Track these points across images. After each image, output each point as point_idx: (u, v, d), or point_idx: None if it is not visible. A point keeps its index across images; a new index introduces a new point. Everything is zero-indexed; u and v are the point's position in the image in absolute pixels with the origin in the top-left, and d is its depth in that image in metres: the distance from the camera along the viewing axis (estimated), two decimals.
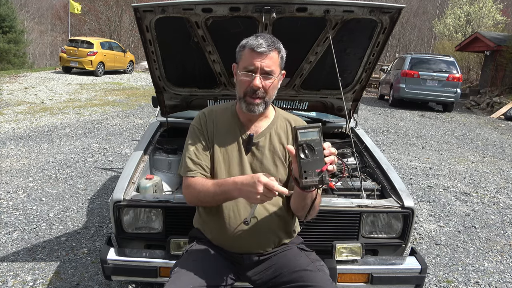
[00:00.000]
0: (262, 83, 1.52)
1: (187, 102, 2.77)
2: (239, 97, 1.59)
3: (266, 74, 1.52)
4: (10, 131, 6.86)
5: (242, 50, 1.56)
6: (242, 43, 1.57)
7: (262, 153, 1.63)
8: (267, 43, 1.51)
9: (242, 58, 1.55)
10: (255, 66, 1.51)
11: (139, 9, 2.03)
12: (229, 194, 1.47)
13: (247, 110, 1.57)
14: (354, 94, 2.72)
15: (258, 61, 1.51)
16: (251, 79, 1.52)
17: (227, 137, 1.63)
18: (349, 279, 1.92)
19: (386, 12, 2.08)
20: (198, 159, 1.60)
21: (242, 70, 1.55)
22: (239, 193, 1.43)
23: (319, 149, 1.27)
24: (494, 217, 4.18)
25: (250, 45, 1.52)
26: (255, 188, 1.33)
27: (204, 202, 1.59)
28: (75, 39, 17.71)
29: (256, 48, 1.50)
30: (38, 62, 34.59)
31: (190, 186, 1.58)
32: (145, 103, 10.65)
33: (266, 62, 1.51)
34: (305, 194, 1.41)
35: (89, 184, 4.45)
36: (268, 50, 1.50)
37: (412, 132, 8.77)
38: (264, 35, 1.55)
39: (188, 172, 1.60)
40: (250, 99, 1.55)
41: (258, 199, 1.34)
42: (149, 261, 1.92)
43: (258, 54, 1.50)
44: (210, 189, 1.52)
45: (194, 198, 1.59)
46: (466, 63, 22.01)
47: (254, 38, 1.53)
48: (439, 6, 37.14)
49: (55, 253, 2.99)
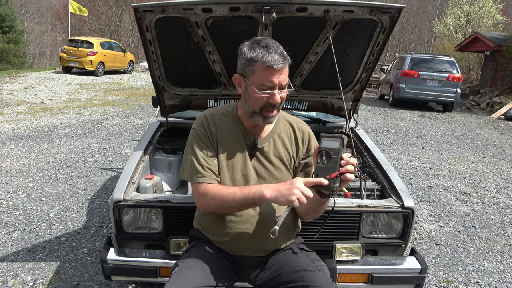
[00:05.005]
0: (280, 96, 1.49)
1: (187, 102, 2.77)
2: (253, 111, 1.53)
3: (282, 87, 1.49)
4: (10, 131, 6.86)
5: (253, 64, 1.46)
6: (250, 56, 1.46)
7: (267, 158, 1.61)
8: (282, 56, 1.44)
9: (256, 74, 1.46)
10: (275, 84, 1.46)
11: (139, 9, 2.03)
12: (261, 198, 1.44)
13: (265, 123, 1.55)
14: (354, 94, 2.72)
15: (277, 77, 1.45)
16: (269, 95, 1.48)
17: (230, 142, 1.60)
18: (349, 279, 1.92)
19: (386, 12, 2.08)
20: (207, 164, 1.56)
21: (258, 87, 1.47)
22: (272, 192, 1.41)
23: (335, 158, 1.33)
24: (494, 217, 4.18)
25: (266, 61, 1.43)
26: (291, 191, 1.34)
27: (225, 209, 1.53)
28: (75, 39, 17.70)
29: (275, 66, 1.43)
30: (38, 62, 34.62)
31: (208, 194, 1.52)
32: (145, 103, 10.65)
33: (283, 77, 1.47)
34: (319, 199, 1.42)
35: (89, 184, 4.44)
36: (284, 64, 1.45)
37: (412, 132, 8.77)
38: (272, 45, 1.46)
39: (201, 178, 1.54)
40: (268, 113, 1.52)
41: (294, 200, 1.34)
42: (149, 261, 1.92)
43: (276, 71, 1.44)
44: (236, 197, 1.47)
45: (214, 207, 1.53)
46: (466, 63, 22.02)
47: (266, 53, 1.43)
48: (439, 6, 37.18)
49: (55, 253, 2.99)
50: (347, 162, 1.33)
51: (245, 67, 1.49)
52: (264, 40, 1.49)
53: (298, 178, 1.39)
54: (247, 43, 1.51)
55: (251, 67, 1.47)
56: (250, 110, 1.54)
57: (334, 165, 1.33)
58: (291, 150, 1.65)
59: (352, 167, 1.33)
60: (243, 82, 1.53)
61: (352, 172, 1.33)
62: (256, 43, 1.47)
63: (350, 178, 1.33)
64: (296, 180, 1.37)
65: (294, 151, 1.65)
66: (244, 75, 1.51)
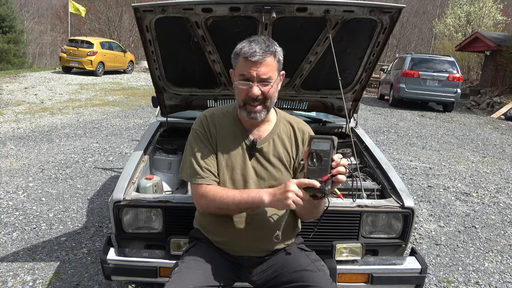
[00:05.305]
0: (260, 90, 1.48)
1: (187, 102, 2.77)
2: (239, 105, 1.56)
3: (263, 81, 1.48)
4: (10, 131, 6.86)
5: (237, 57, 1.50)
6: (236, 50, 1.50)
7: (266, 158, 1.61)
8: (261, 49, 1.44)
9: (238, 66, 1.50)
10: (251, 75, 1.47)
11: (139, 9, 2.03)
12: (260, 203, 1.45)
13: (249, 118, 1.55)
14: (354, 94, 2.71)
15: (254, 70, 1.45)
16: (248, 88, 1.48)
17: (230, 143, 1.61)
18: (349, 279, 1.92)
19: (386, 12, 2.08)
20: (207, 165, 1.56)
21: (238, 78, 1.50)
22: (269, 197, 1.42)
23: (326, 160, 1.32)
24: (494, 217, 4.18)
25: (244, 53, 1.45)
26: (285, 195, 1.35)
27: (224, 211, 1.54)
28: (75, 39, 17.70)
29: (250, 57, 1.44)
30: (38, 62, 34.63)
31: (207, 195, 1.53)
32: (145, 103, 10.65)
33: (262, 70, 1.46)
34: (313, 201, 1.42)
35: (89, 184, 4.44)
36: (263, 57, 1.45)
37: (412, 132, 8.76)
38: (257, 39, 1.48)
39: (200, 179, 1.55)
40: (250, 107, 1.52)
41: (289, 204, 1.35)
42: (149, 261, 1.92)
43: (253, 63, 1.45)
44: (236, 200, 1.48)
45: (213, 208, 1.54)
46: (466, 63, 22.02)
47: (247, 45, 1.46)
48: (439, 6, 37.19)
49: (55, 253, 2.99)
50: (338, 163, 1.32)
51: (233, 60, 1.55)
52: (259, 37, 1.51)
53: (291, 180, 1.38)
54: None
55: (235, 60, 1.52)
56: (238, 105, 1.57)
57: (325, 167, 1.32)
58: (290, 151, 1.64)
59: (343, 169, 1.33)
60: (232, 76, 1.58)
61: (343, 174, 1.33)
62: (247, 39, 1.51)
63: (342, 179, 1.33)
64: (289, 183, 1.37)
65: (294, 152, 1.65)
66: (233, 69, 1.56)
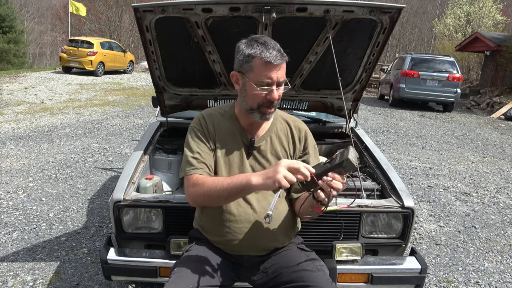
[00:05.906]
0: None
1: (187, 102, 2.77)
2: (251, 108, 1.54)
3: (280, 84, 1.50)
4: (10, 131, 6.86)
5: (251, 60, 1.46)
6: (249, 53, 1.46)
7: (264, 157, 1.62)
8: (279, 53, 1.45)
9: (255, 71, 1.46)
10: (273, 80, 1.47)
11: (139, 9, 2.03)
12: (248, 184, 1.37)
13: (262, 119, 1.55)
14: (354, 94, 2.72)
15: (275, 73, 1.45)
16: (267, 92, 1.48)
17: (228, 141, 1.61)
18: (349, 279, 1.92)
19: (386, 12, 2.08)
20: (203, 159, 1.56)
21: (256, 83, 1.47)
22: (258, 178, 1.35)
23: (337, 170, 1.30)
24: (494, 217, 4.18)
25: (264, 57, 1.43)
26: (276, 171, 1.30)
27: (214, 199, 1.47)
28: (75, 39, 17.70)
29: (274, 61, 1.43)
30: (38, 62, 34.62)
31: (197, 184, 1.48)
32: (145, 103, 10.65)
33: (281, 73, 1.48)
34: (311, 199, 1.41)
35: (89, 184, 4.45)
36: (282, 60, 1.46)
37: (412, 132, 8.76)
38: (270, 42, 1.47)
39: (194, 170, 1.52)
40: (265, 109, 1.52)
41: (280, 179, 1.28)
42: (149, 261, 1.92)
43: (275, 66, 1.45)
44: (225, 183, 1.41)
45: (203, 196, 1.47)
46: (466, 63, 22.02)
47: (265, 49, 1.44)
48: (439, 6, 37.18)
49: (55, 253, 2.99)
50: (328, 182, 1.30)
51: (243, 63, 1.49)
52: (262, 37, 1.50)
53: (282, 159, 1.35)
54: (244, 40, 1.51)
55: (249, 64, 1.47)
56: (248, 107, 1.54)
57: (326, 172, 1.31)
58: (288, 149, 1.65)
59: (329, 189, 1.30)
60: (240, 79, 1.54)
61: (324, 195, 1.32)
62: (254, 40, 1.48)
63: (320, 196, 1.32)
64: (281, 161, 1.33)
65: (291, 149, 1.66)
66: (242, 72, 1.51)
